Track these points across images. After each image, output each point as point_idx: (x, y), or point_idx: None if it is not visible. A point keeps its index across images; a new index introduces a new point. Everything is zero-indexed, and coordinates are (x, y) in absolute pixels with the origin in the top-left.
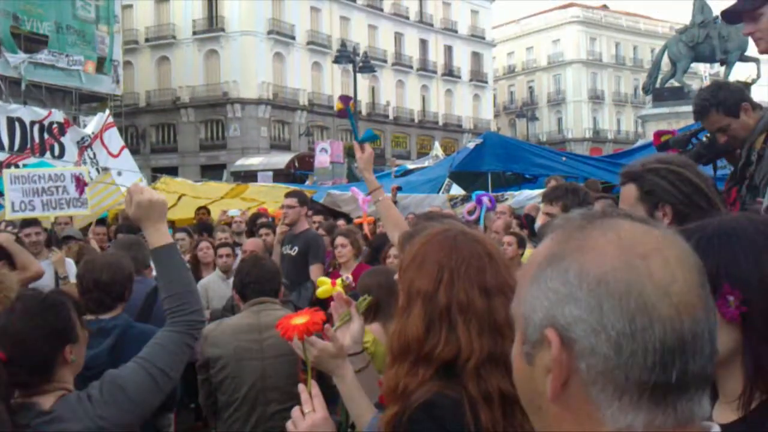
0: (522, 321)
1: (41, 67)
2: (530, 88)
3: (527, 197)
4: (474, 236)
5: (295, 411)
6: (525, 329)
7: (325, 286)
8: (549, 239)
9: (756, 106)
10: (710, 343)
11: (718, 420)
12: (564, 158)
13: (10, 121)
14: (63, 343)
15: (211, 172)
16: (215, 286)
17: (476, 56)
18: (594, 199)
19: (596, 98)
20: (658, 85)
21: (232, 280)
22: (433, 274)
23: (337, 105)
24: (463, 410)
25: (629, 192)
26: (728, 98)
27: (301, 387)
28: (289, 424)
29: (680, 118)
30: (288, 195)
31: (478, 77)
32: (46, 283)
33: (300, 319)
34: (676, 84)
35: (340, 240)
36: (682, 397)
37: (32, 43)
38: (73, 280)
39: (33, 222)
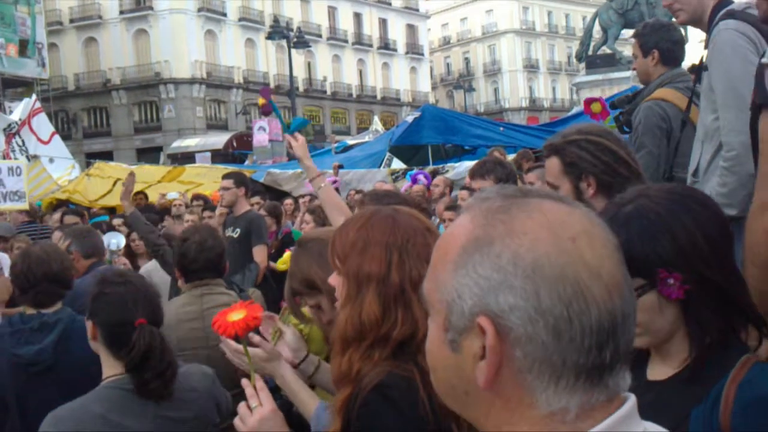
0: (442, 306)
1: None
2: (466, 59)
3: (467, 168)
4: (408, 212)
5: (242, 407)
6: (448, 316)
7: (285, 256)
8: (467, 220)
9: (670, 62)
10: (634, 320)
11: (658, 377)
12: (502, 128)
13: None
14: None
15: (148, 155)
16: (157, 273)
17: (411, 28)
18: (528, 169)
19: (531, 67)
20: (590, 53)
21: None
22: (381, 256)
23: (259, 101)
24: (416, 387)
25: (553, 165)
26: (647, 36)
27: (244, 382)
28: (236, 421)
29: (613, 84)
30: (225, 176)
31: (414, 50)
32: None
33: (237, 315)
34: (608, 51)
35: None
36: (613, 375)
37: None
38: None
39: None
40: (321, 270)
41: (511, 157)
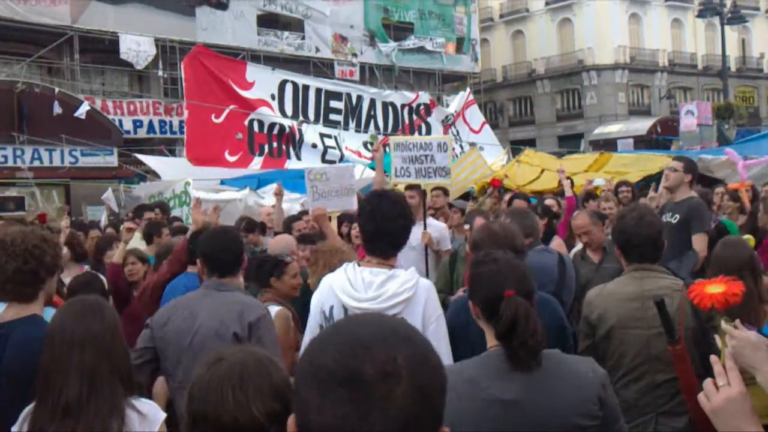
0: None
1: (408, 53)
2: None
3: None
4: None
5: (708, 384)
6: None
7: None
8: None
9: None
10: None
11: None
12: None
13: (384, 106)
14: None
15: (569, 142)
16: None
17: None
18: None
19: None
20: None
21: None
22: None
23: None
24: None
25: None
26: None
27: (713, 359)
28: (700, 397)
29: None
30: (676, 158)
31: None
32: None
33: (717, 288)
34: None
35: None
36: None
37: (400, 31)
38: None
39: (413, 186)
40: None
41: None
